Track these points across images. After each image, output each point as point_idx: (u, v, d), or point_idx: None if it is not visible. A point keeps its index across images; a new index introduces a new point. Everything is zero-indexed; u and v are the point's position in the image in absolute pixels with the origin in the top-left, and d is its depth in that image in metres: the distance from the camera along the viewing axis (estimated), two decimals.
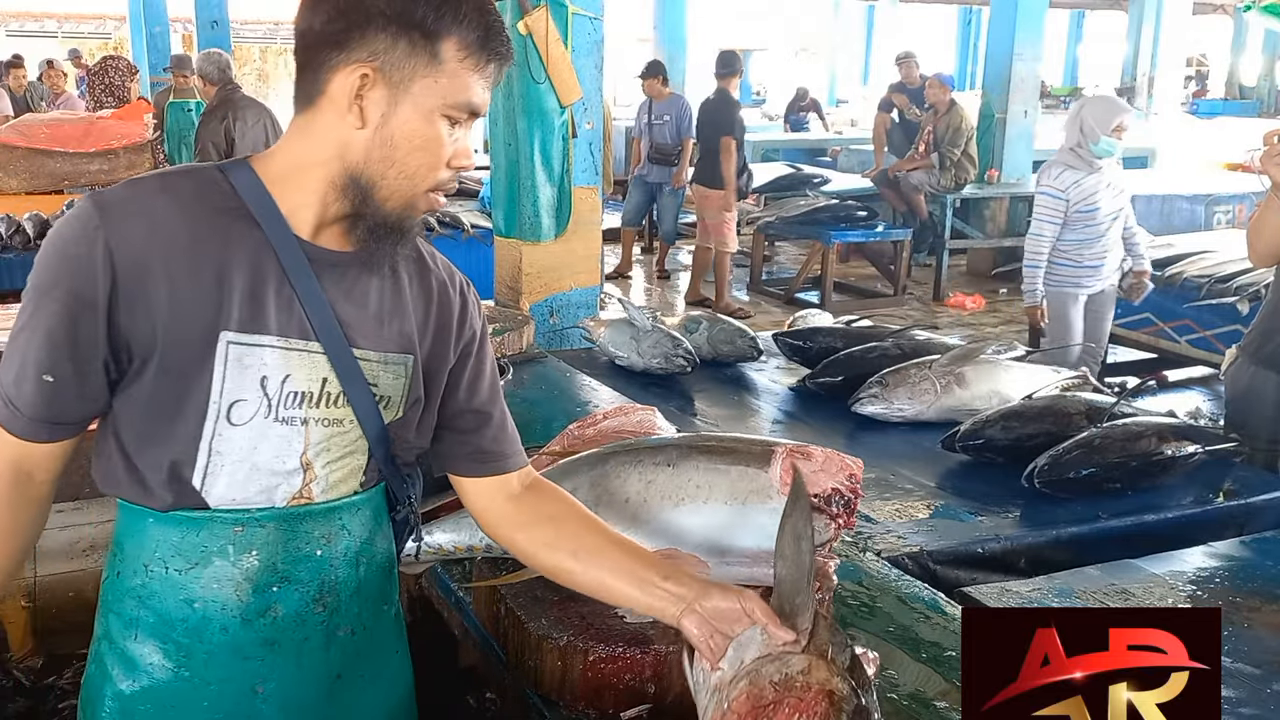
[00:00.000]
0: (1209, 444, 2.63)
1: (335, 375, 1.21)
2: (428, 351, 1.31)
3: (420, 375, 1.29)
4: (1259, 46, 20.65)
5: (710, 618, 1.23)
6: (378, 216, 1.19)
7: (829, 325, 3.62)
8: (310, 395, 1.20)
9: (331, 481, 1.24)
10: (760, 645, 1.19)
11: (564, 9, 3.69)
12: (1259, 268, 3.86)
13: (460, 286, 1.36)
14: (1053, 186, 4.33)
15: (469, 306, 1.36)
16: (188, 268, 1.12)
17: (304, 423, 1.20)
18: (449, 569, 1.85)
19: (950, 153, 8.38)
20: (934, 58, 16.43)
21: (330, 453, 1.23)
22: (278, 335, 1.17)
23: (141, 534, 1.21)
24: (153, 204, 1.13)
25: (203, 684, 1.22)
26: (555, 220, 3.91)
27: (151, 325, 1.12)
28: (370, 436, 1.26)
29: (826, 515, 1.57)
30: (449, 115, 1.16)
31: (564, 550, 1.34)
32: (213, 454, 1.17)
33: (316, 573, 1.25)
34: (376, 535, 1.33)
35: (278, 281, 1.17)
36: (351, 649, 1.30)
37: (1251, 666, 1.71)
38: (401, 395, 1.28)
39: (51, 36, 21.84)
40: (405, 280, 1.29)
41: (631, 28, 17.15)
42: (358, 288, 1.24)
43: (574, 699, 1.47)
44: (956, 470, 2.64)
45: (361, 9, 1.12)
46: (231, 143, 5.62)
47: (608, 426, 2.03)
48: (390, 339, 1.26)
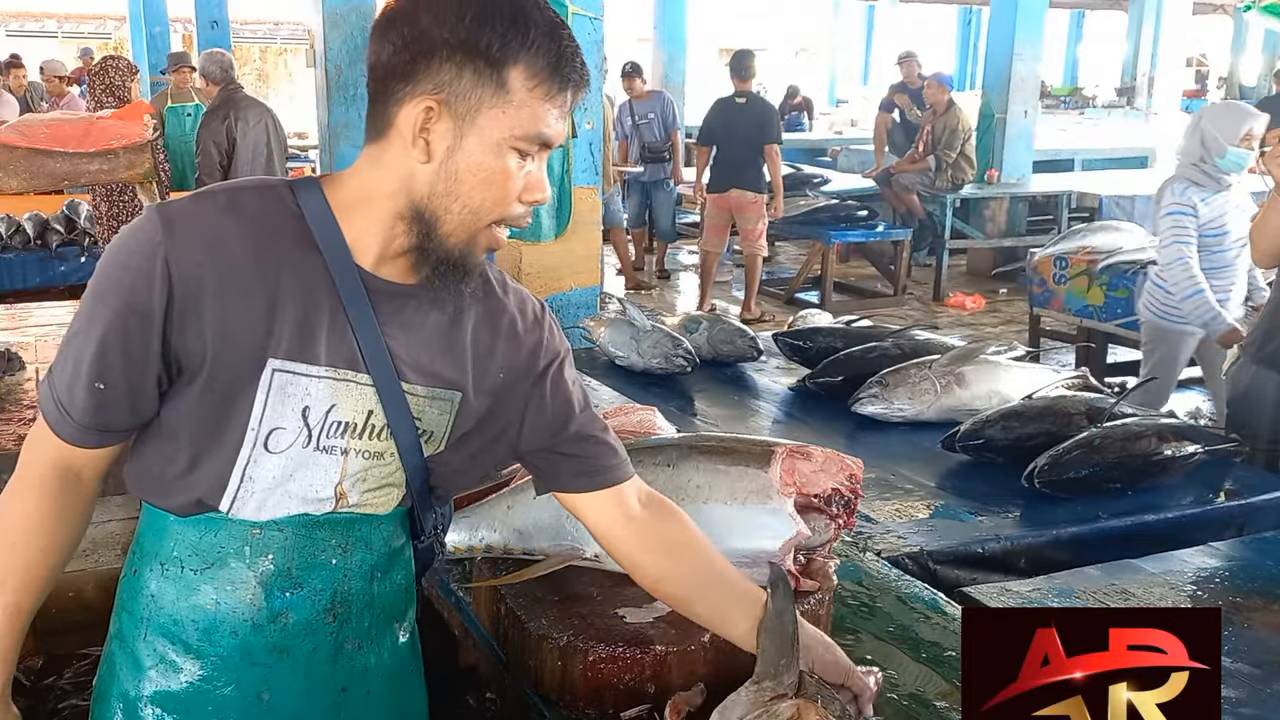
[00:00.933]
0: (1209, 444, 2.63)
1: (381, 408, 1.20)
2: (493, 386, 1.28)
3: (469, 411, 1.27)
4: (1259, 46, 20.64)
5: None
6: (440, 252, 1.15)
7: (829, 325, 3.62)
8: (354, 426, 1.19)
9: (363, 506, 1.24)
10: (746, 704, 1.18)
11: (564, 9, 3.69)
12: (1262, 268, 3.85)
13: (533, 315, 1.33)
14: (1180, 203, 3.79)
15: (544, 337, 1.33)
16: (243, 289, 1.12)
17: (344, 453, 1.20)
18: (449, 569, 1.85)
19: (946, 155, 8.38)
20: (934, 58, 16.41)
21: (366, 483, 1.23)
22: (326, 366, 1.16)
23: (161, 532, 1.21)
24: (217, 221, 1.13)
25: (209, 688, 1.21)
26: (555, 220, 3.92)
27: (203, 344, 1.12)
28: (409, 469, 1.25)
29: (826, 515, 1.57)
30: (518, 147, 1.12)
31: (691, 585, 1.34)
32: (245, 479, 1.17)
33: (330, 582, 1.24)
34: (396, 554, 1.31)
35: (332, 310, 1.16)
36: (359, 664, 1.28)
37: (1251, 666, 1.71)
38: (445, 431, 1.26)
39: (51, 36, 21.83)
40: (468, 316, 1.26)
41: (631, 28, 17.14)
42: (414, 321, 1.21)
43: (574, 699, 1.47)
44: (956, 470, 2.64)
45: (427, 39, 1.09)
46: (233, 142, 5.62)
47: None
48: (440, 374, 1.23)
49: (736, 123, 7.28)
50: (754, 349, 3.49)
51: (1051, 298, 5.81)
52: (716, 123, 7.41)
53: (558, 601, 1.56)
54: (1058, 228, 8.41)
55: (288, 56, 25.05)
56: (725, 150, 7.33)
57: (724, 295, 8.71)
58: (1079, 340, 5.78)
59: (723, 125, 7.35)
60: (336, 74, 4.96)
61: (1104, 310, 5.47)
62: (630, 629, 1.49)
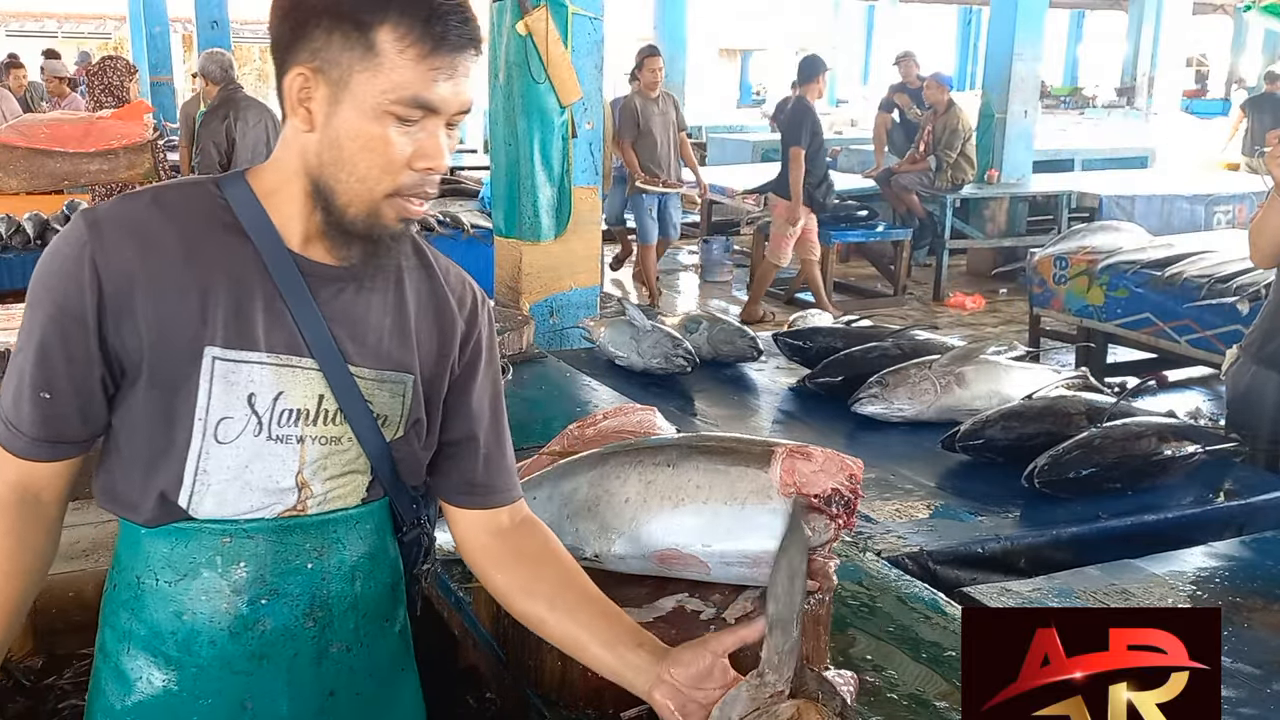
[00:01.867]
0: (1209, 444, 2.63)
1: (331, 392, 1.18)
2: (431, 371, 1.27)
3: (421, 396, 1.26)
4: (1259, 46, 20.64)
5: (682, 684, 1.17)
6: (343, 224, 1.14)
7: (829, 325, 3.62)
8: (306, 413, 1.18)
9: (329, 497, 1.22)
10: (746, 700, 1.15)
11: (564, 9, 3.69)
12: (1261, 268, 3.85)
13: (472, 303, 1.31)
14: None
15: (477, 326, 1.31)
16: (174, 283, 1.12)
17: (300, 440, 1.18)
18: (449, 569, 1.85)
19: (946, 155, 8.39)
20: (934, 58, 16.42)
21: (328, 470, 1.21)
22: (267, 351, 1.15)
23: (135, 546, 1.21)
24: (144, 218, 1.13)
25: (191, 699, 1.20)
26: (555, 220, 3.92)
27: (139, 341, 1.12)
28: (371, 454, 1.23)
29: (826, 515, 1.57)
30: (393, 112, 1.08)
31: (541, 599, 1.29)
32: (200, 472, 1.16)
33: (307, 586, 1.22)
34: (378, 550, 1.29)
35: (268, 297, 1.15)
36: (346, 666, 1.27)
37: (1251, 666, 1.70)
38: (401, 415, 1.24)
39: (51, 36, 21.82)
40: (410, 296, 1.25)
41: (631, 28, 17.14)
42: (357, 303, 1.20)
43: (574, 699, 1.47)
44: (956, 470, 2.64)
45: (302, 8, 1.09)
46: (233, 142, 5.62)
47: (608, 426, 2.03)
48: (388, 357, 1.22)
49: (781, 128, 7.38)
50: (754, 349, 3.48)
51: (1051, 298, 5.81)
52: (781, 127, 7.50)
53: None
54: (1058, 228, 8.41)
55: None
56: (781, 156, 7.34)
57: (724, 295, 8.71)
58: (1079, 340, 5.78)
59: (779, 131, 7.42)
60: None
61: (1104, 310, 5.47)
62: None
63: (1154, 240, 5.75)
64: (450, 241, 6.10)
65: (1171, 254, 5.36)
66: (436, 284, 1.28)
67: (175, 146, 9.60)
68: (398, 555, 1.34)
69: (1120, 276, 5.36)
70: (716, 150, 13.05)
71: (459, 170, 9.71)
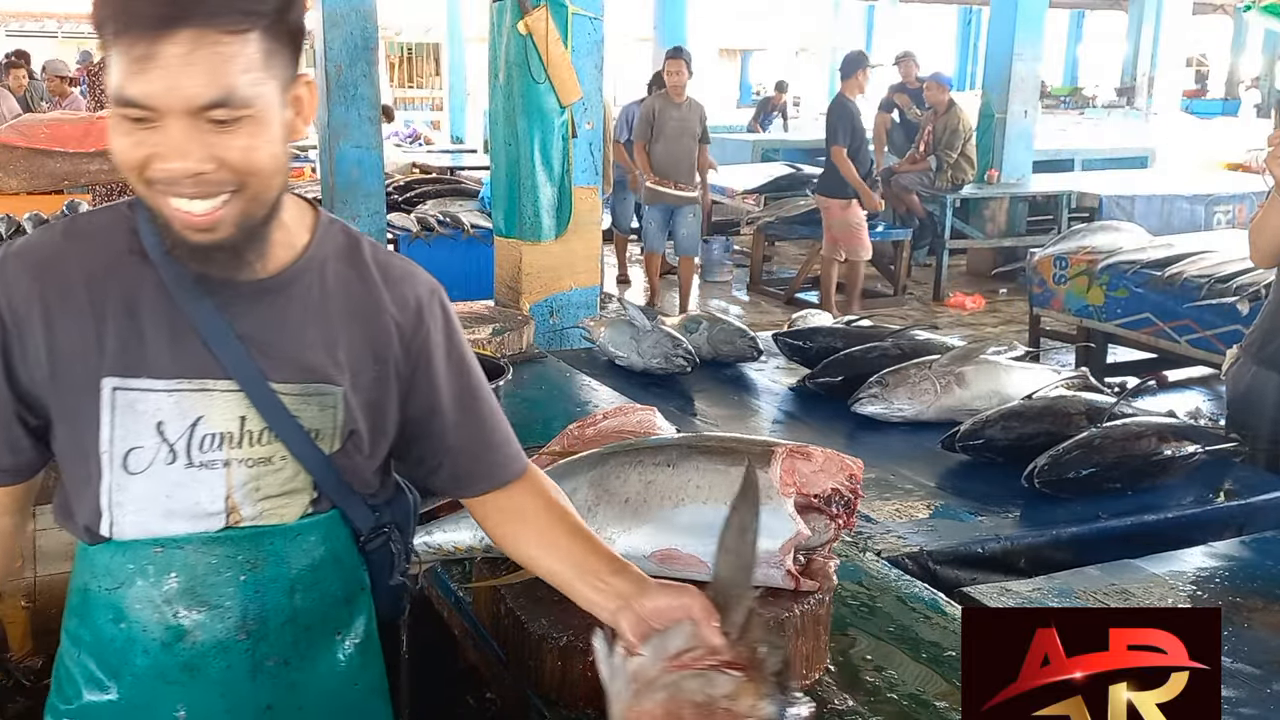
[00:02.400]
0: (1209, 444, 2.63)
1: (255, 412, 1.15)
2: (367, 379, 1.21)
3: (355, 406, 1.20)
4: (1259, 46, 20.65)
5: (648, 617, 1.15)
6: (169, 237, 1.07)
7: (829, 325, 3.62)
8: (230, 436, 1.15)
9: (264, 515, 1.19)
10: (688, 637, 1.12)
11: (564, 9, 3.69)
12: (1260, 268, 3.85)
13: (416, 302, 1.24)
14: None
15: (423, 325, 1.24)
16: (72, 311, 1.10)
17: (225, 465, 1.15)
18: (449, 569, 1.85)
19: (946, 155, 8.39)
20: (934, 58, 16.42)
21: (261, 491, 1.18)
22: (176, 378, 1.12)
23: (82, 556, 1.21)
24: (49, 251, 1.13)
25: (129, 707, 1.19)
26: (555, 220, 3.92)
27: (43, 372, 1.12)
28: (312, 470, 1.19)
29: (826, 515, 1.57)
30: (119, 114, 1.00)
31: (531, 542, 1.32)
32: (114, 505, 1.14)
33: (240, 599, 1.19)
34: (324, 563, 1.25)
35: (173, 321, 1.12)
36: (285, 680, 1.23)
37: (1251, 666, 1.70)
38: (334, 428, 1.19)
39: (51, 36, 21.83)
40: (334, 305, 1.19)
41: (631, 28, 17.15)
42: (273, 317, 1.16)
43: (574, 699, 1.47)
44: (956, 470, 2.64)
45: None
46: None
47: (608, 426, 2.03)
48: (312, 370, 1.17)
49: (826, 127, 7.29)
50: (754, 349, 3.49)
51: (1051, 298, 5.81)
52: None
53: (558, 601, 1.56)
54: (1058, 228, 8.41)
55: None
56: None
57: (724, 295, 8.72)
58: (1079, 340, 5.78)
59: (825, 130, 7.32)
60: (336, 74, 4.97)
61: (1104, 310, 5.47)
62: None
63: (1154, 240, 5.74)
64: (450, 241, 6.10)
65: (1171, 254, 5.36)
66: (370, 286, 1.22)
67: None
68: (357, 565, 1.30)
69: (1120, 276, 5.36)
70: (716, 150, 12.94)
71: (459, 170, 9.70)
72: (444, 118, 18.87)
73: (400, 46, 22.58)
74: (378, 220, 5.30)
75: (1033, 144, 9.20)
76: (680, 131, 7.17)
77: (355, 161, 5.13)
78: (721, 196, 9.16)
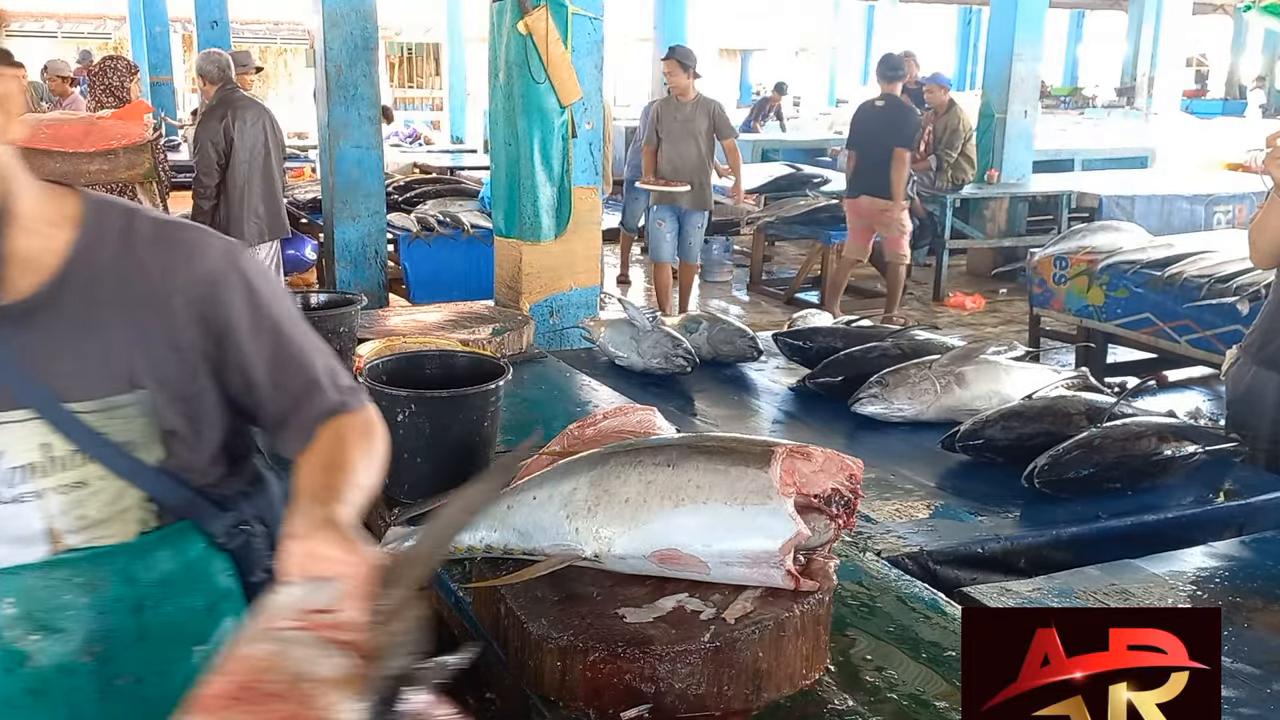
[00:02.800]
0: (1209, 444, 2.63)
1: (59, 437, 1.11)
2: (174, 369, 1.16)
3: (167, 403, 1.15)
4: (1259, 46, 20.66)
5: (305, 557, 1.04)
6: None
7: (829, 325, 3.62)
8: (36, 466, 1.11)
9: (95, 538, 1.15)
10: (332, 598, 1.03)
11: (564, 9, 3.69)
12: (1260, 268, 3.85)
13: (209, 278, 1.16)
14: None
15: (219, 301, 1.16)
16: None
17: (39, 495, 1.12)
18: (449, 569, 1.85)
19: (947, 155, 8.39)
20: (934, 58, 16.43)
21: (87, 516, 1.14)
22: None
23: None
24: None
25: None
26: (555, 220, 3.92)
27: None
28: (142, 484, 1.16)
29: (826, 515, 1.57)
30: None
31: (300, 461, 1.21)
32: None
33: (81, 622, 1.15)
34: (176, 575, 1.21)
35: None
36: (139, 697, 1.18)
37: (1251, 666, 1.70)
38: (148, 436, 1.15)
39: (51, 36, 21.82)
40: (108, 309, 1.13)
41: (631, 28, 17.14)
42: (48, 336, 1.10)
43: (574, 699, 1.47)
44: (956, 470, 2.64)
45: None
46: (230, 142, 5.61)
47: (608, 426, 2.03)
48: (104, 382, 1.12)
49: (872, 127, 7.18)
50: (754, 349, 3.49)
51: (1051, 298, 5.81)
52: (856, 127, 7.37)
53: (558, 601, 1.56)
54: (1058, 228, 8.42)
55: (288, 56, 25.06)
56: (863, 156, 7.21)
57: (724, 295, 8.71)
58: (1079, 340, 5.78)
59: (861, 129, 7.28)
60: (336, 74, 4.97)
61: (1104, 310, 5.47)
62: (630, 629, 1.49)
63: (1154, 240, 5.75)
64: (450, 241, 6.11)
65: (1171, 254, 5.36)
66: (151, 272, 1.15)
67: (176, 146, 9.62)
68: (219, 571, 1.25)
69: (1120, 276, 5.36)
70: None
71: (459, 170, 9.71)
72: (444, 118, 18.89)
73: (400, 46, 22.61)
74: (378, 220, 5.30)
75: (1033, 144, 9.20)
76: (685, 132, 7.09)
77: (355, 161, 5.13)
78: (722, 196, 9.15)
